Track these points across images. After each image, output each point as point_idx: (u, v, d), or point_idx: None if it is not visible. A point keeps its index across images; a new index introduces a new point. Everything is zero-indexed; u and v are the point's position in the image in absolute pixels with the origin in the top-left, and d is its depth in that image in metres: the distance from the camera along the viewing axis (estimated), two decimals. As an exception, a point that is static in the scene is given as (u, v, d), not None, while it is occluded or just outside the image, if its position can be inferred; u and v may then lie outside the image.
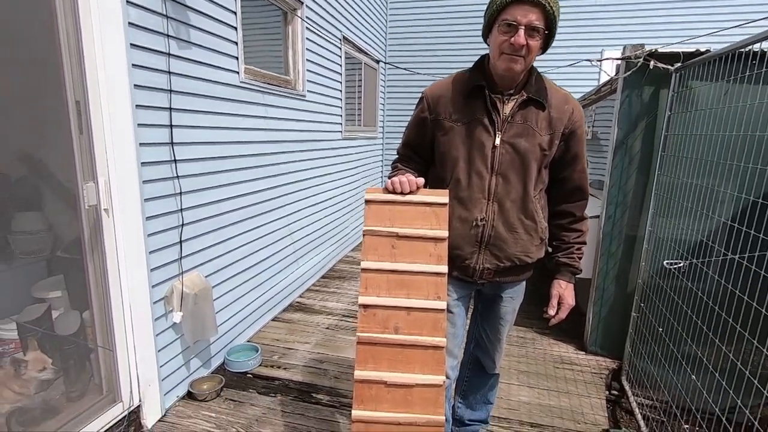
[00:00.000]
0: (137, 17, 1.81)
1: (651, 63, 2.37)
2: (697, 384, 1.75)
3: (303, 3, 3.30)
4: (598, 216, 2.72)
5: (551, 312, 1.53)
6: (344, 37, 4.29)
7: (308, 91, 3.51)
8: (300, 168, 3.49)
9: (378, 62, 5.73)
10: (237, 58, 2.53)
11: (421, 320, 1.31)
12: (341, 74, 4.27)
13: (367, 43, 5.12)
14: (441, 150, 1.43)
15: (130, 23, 1.78)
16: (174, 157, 2.07)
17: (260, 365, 2.61)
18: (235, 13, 2.50)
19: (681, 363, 1.88)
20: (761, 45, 1.55)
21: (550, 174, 1.47)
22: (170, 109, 2.03)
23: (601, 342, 2.84)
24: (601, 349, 2.84)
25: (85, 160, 1.73)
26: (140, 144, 1.86)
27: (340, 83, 4.26)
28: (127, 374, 1.95)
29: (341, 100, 4.31)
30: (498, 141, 1.35)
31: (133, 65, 1.80)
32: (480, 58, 1.41)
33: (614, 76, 2.68)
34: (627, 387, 2.44)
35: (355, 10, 4.59)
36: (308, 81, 3.50)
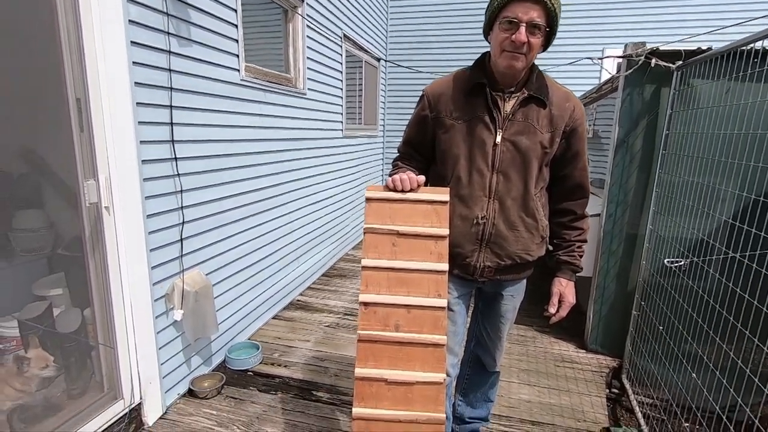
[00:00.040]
0: (138, 14, 1.81)
1: (652, 61, 2.36)
2: (698, 382, 1.74)
3: (304, 1, 3.30)
4: (599, 214, 2.72)
5: (552, 310, 1.53)
6: (345, 35, 4.28)
7: (309, 89, 3.51)
8: (301, 166, 3.48)
9: (379, 60, 5.72)
10: (237, 56, 2.53)
11: (422, 318, 1.31)
12: (342, 72, 4.26)
13: (368, 41, 5.12)
14: (442, 148, 1.43)
15: (131, 20, 1.77)
16: (175, 155, 2.07)
17: (261, 363, 2.61)
18: (236, 11, 2.49)
19: (681, 361, 1.88)
20: (763, 43, 1.54)
21: (551, 172, 1.46)
22: (171, 107, 2.03)
23: (602, 340, 2.84)
24: (602, 348, 2.84)
25: (86, 158, 1.73)
26: (141, 141, 1.86)
27: (341, 81, 4.26)
28: (128, 372, 1.96)
29: (342, 99, 4.31)
30: (499, 139, 1.35)
31: (134, 63, 1.80)
32: (481, 56, 1.41)
33: (615, 75, 2.68)
34: (627, 385, 2.44)
35: (356, 8, 4.58)
36: (309, 79, 3.50)
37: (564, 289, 1.51)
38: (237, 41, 2.52)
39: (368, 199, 1.37)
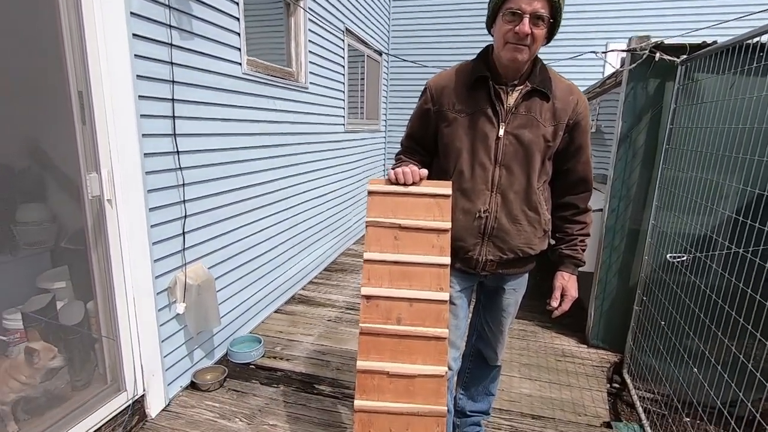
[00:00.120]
0: (139, 7, 1.80)
1: (656, 55, 2.34)
2: (699, 377, 1.75)
3: (306, -6, 3.28)
4: (601, 209, 2.71)
5: (554, 304, 1.52)
6: (347, 29, 4.26)
7: (311, 83, 3.50)
8: (303, 160, 3.48)
9: (381, 54, 5.70)
10: (239, 50, 2.52)
11: (424, 311, 1.31)
12: (344, 66, 4.25)
13: (370, 35, 5.09)
14: (444, 141, 1.42)
15: (132, 13, 1.77)
16: (177, 149, 2.07)
17: (263, 356, 2.62)
18: (238, 4, 2.48)
19: (683, 356, 1.88)
20: (768, 36, 1.53)
21: (554, 165, 1.46)
22: (173, 100, 2.02)
23: (603, 335, 2.84)
24: (603, 343, 2.84)
25: (88, 151, 1.73)
26: (143, 135, 1.86)
27: (343, 75, 4.24)
28: (131, 364, 1.97)
29: (344, 93, 4.29)
30: (502, 132, 1.34)
31: (136, 56, 1.80)
32: (484, 49, 1.40)
33: (619, 69, 2.66)
34: (628, 380, 2.45)
35: (359, 2, 4.56)
36: (311, 73, 3.49)
37: (566, 283, 1.51)
38: (239, 34, 2.51)
39: (370, 193, 1.37)
